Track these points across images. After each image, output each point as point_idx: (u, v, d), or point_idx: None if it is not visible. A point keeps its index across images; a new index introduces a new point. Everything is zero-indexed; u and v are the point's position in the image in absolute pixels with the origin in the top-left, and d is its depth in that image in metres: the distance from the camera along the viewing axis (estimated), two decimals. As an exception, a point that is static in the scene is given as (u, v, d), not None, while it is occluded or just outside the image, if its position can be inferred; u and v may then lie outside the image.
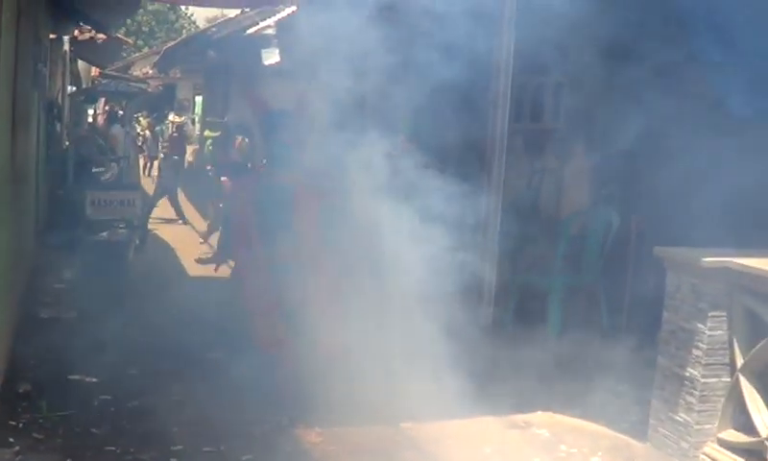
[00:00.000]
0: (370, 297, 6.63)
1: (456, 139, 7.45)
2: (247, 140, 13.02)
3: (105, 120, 22.48)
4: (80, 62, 21.90)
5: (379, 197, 6.76)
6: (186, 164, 23.69)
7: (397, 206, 6.63)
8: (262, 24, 14.00)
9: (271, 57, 14.04)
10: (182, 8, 44.55)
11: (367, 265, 6.92)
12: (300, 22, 10.01)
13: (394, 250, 6.63)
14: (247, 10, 14.50)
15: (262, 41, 14.29)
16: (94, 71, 25.22)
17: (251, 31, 14.43)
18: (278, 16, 13.12)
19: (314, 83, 7.78)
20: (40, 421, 5.99)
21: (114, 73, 26.61)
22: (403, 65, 7.07)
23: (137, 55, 35.45)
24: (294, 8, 11.50)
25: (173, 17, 46.46)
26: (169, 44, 24.72)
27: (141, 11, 39.76)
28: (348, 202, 7.07)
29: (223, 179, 13.08)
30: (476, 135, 8.28)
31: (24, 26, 7.90)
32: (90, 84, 24.67)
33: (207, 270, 11.74)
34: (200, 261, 12.24)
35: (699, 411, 5.63)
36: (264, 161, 7.83)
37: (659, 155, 7.28)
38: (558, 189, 9.63)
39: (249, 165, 11.69)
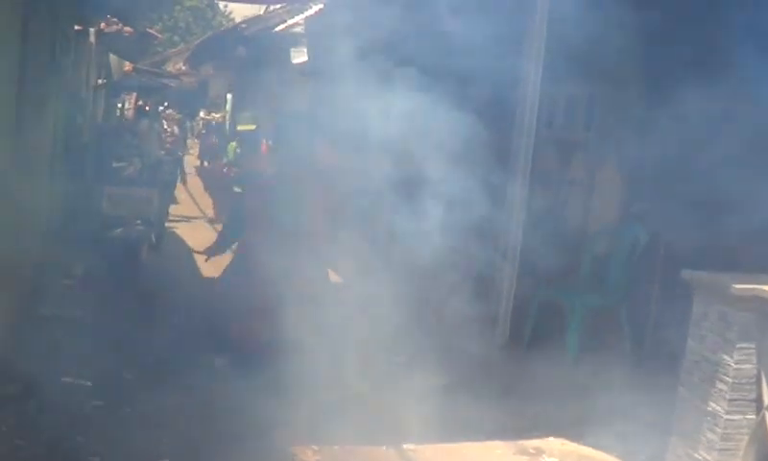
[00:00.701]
0: (379, 306, 6.34)
1: (483, 146, 7.16)
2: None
3: (134, 115, 22.41)
4: (112, 57, 21.80)
5: (394, 203, 6.51)
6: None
7: (413, 214, 6.35)
8: (290, 21, 13.88)
9: (299, 56, 13.93)
10: (220, 5, 44.65)
11: (377, 273, 6.66)
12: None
13: (407, 257, 6.36)
14: (276, 6, 14.34)
15: (291, 40, 14.20)
16: (127, 66, 25.18)
17: (279, 28, 14.32)
18: (306, 14, 12.96)
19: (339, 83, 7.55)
20: (26, 424, 5.72)
21: (146, 68, 26.53)
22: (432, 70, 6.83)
23: (173, 51, 35.49)
24: (321, 6, 11.33)
25: (210, 14, 46.54)
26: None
27: (178, 7, 39.96)
28: (363, 208, 6.85)
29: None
30: (503, 144, 7.99)
31: (36, 14, 7.68)
32: (122, 77, 24.65)
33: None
34: (195, 251, 11.84)
35: (720, 449, 5.21)
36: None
37: (694, 172, 6.90)
38: (586, 203, 9.28)
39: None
